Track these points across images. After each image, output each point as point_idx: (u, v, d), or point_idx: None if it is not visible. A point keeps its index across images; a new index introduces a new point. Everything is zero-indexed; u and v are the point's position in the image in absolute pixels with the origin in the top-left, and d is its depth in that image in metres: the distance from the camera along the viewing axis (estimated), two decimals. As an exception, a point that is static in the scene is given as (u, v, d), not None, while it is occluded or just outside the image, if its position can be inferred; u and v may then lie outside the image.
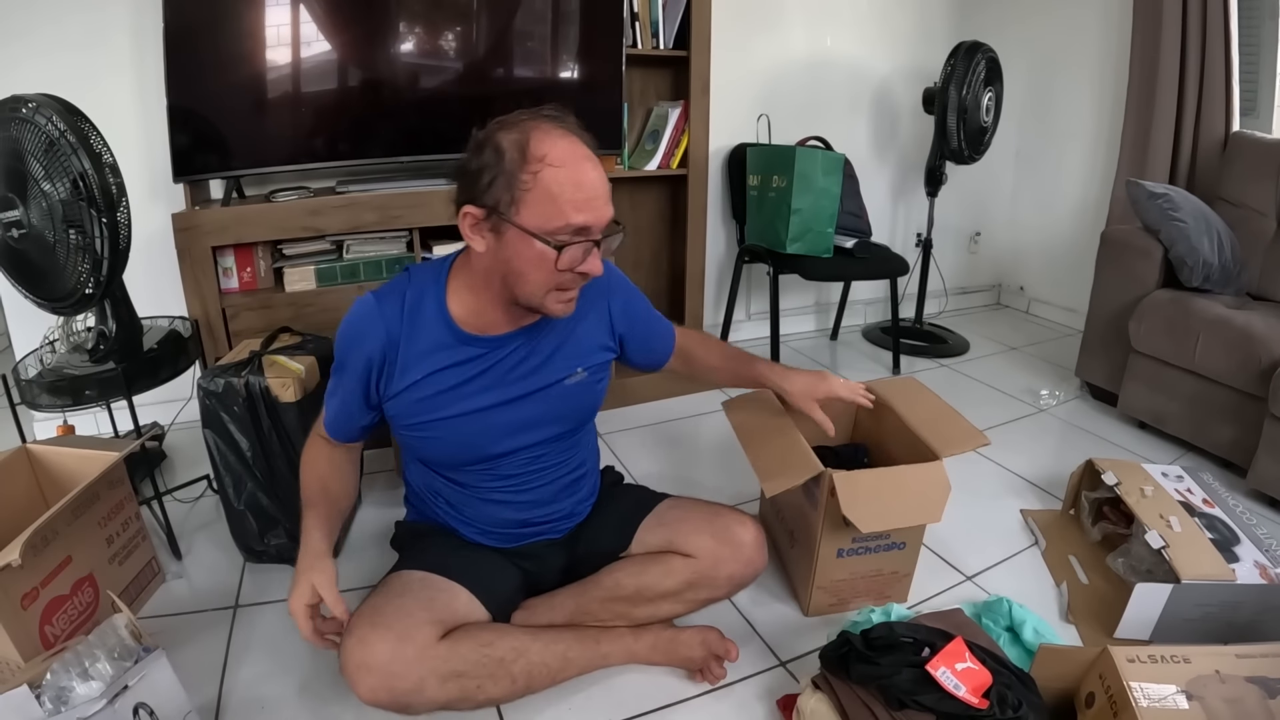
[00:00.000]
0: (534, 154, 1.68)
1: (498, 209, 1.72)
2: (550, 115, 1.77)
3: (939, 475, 2.26)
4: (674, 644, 2.17)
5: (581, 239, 1.71)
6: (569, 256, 1.71)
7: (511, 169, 1.69)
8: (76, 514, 2.24)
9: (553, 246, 1.69)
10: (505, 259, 1.77)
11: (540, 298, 1.79)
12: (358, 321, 1.93)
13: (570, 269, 1.74)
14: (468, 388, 1.96)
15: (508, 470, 2.09)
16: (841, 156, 4.01)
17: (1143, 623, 2.27)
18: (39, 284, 2.52)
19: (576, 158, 1.70)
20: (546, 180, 1.67)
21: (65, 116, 2.34)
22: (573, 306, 1.86)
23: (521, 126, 1.72)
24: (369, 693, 1.76)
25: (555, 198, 1.67)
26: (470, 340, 1.93)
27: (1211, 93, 4.22)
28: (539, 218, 1.69)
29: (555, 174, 1.67)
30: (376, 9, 3.26)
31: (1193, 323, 3.33)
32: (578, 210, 1.68)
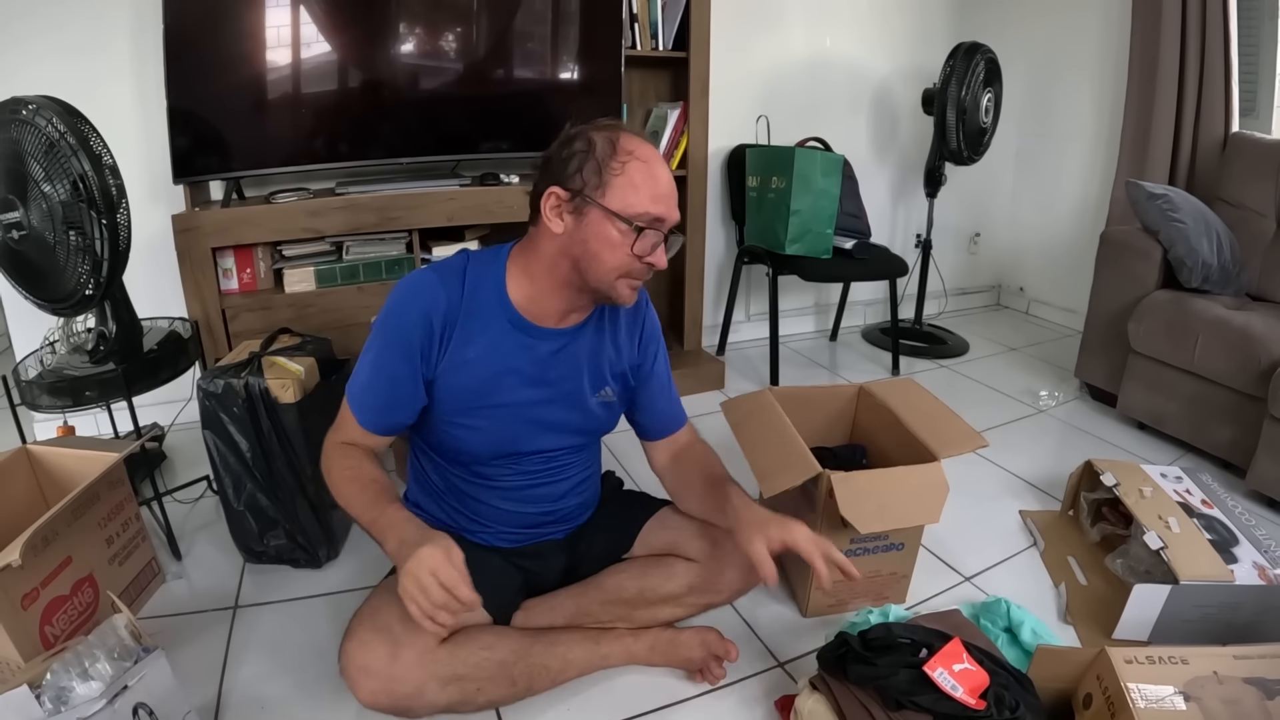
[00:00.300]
0: (624, 147, 1.79)
1: (584, 191, 1.80)
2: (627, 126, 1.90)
3: (937, 476, 2.26)
4: (673, 645, 2.17)
5: (657, 228, 1.83)
6: (645, 241, 1.82)
7: (603, 157, 1.79)
8: (77, 515, 2.24)
9: (633, 228, 1.79)
10: (583, 239, 1.83)
11: (611, 280, 1.86)
12: (418, 287, 1.93)
13: (643, 255, 1.83)
14: (514, 378, 1.98)
15: (529, 467, 2.10)
16: (840, 157, 4.02)
17: (1141, 624, 2.27)
18: (39, 285, 2.53)
19: (658, 159, 1.84)
20: (633, 170, 1.78)
21: (65, 118, 2.34)
22: (635, 296, 1.95)
23: (612, 128, 1.85)
24: (369, 696, 1.77)
25: (639, 186, 1.79)
26: (523, 326, 1.96)
27: (1211, 93, 4.22)
28: (623, 201, 1.78)
29: (641, 167, 1.79)
30: (376, 10, 3.27)
31: (1192, 323, 3.33)
32: (656, 201, 1.80)
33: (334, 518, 2.70)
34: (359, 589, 2.54)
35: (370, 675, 1.76)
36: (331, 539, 2.70)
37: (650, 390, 2.21)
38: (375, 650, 1.77)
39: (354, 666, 1.77)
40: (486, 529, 2.15)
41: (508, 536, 2.17)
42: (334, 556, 2.73)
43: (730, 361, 4.63)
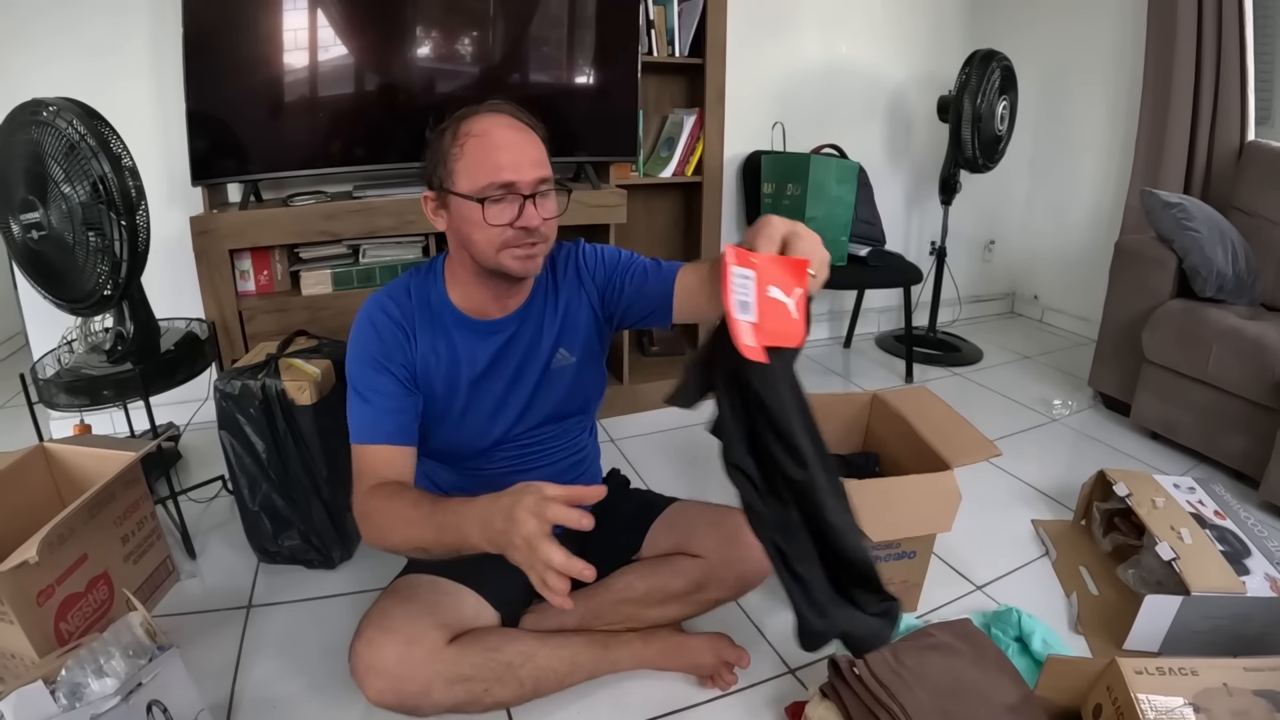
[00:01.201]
0: (463, 131, 1.84)
1: (442, 185, 1.88)
2: (489, 104, 1.92)
3: (950, 485, 2.26)
4: (684, 650, 2.18)
5: (508, 193, 1.81)
6: (494, 210, 1.81)
7: (446, 148, 1.86)
8: (93, 512, 2.26)
9: (477, 201, 1.80)
10: (456, 228, 1.90)
11: (494, 257, 1.87)
12: (370, 306, 2.02)
13: (503, 224, 1.82)
14: (472, 374, 2.04)
15: (508, 453, 2.14)
16: (856, 165, 4.03)
17: (1152, 634, 2.27)
18: (58, 285, 2.55)
19: (499, 126, 1.85)
20: (470, 149, 1.82)
21: (85, 120, 2.37)
22: (534, 264, 1.92)
23: (458, 117, 1.89)
24: (377, 695, 1.78)
25: (478, 161, 1.81)
26: (468, 324, 2.03)
27: (1226, 102, 4.21)
28: (468, 181, 1.82)
29: (478, 142, 1.82)
30: (394, 15, 3.29)
31: (1206, 333, 3.32)
32: (499, 170, 1.79)
33: (348, 519, 2.70)
34: (372, 590, 2.55)
35: (378, 674, 1.77)
36: (345, 540, 2.72)
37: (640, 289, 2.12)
38: (383, 650, 1.78)
39: (362, 665, 1.78)
40: None
41: None
42: (347, 558, 2.75)
43: (744, 367, 4.59)
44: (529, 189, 1.83)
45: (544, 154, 1.90)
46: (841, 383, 4.62)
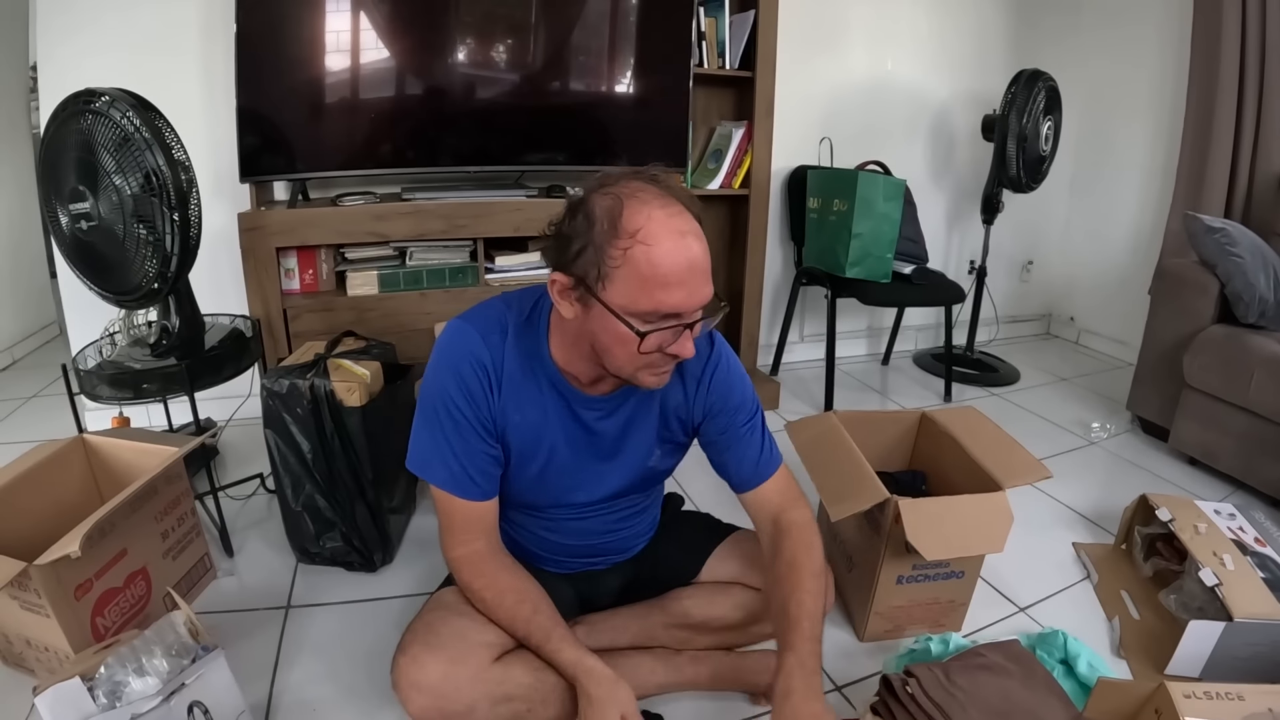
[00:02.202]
0: (626, 228, 1.53)
1: (585, 282, 1.59)
2: (651, 177, 1.64)
3: (1002, 505, 2.25)
4: (738, 671, 2.15)
5: (671, 324, 1.59)
6: (654, 340, 1.60)
7: (601, 242, 1.55)
8: (134, 507, 2.26)
9: (636, 333, 1.58)
10: (592, 331, 1.67)
11: (629, 373, 1.70)
12: (461, 337, 1.82)
13: (653, 351, 1.63)
14: (558, 443, 1.91)
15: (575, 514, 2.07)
16: (903, 182, 4.01)
17: (1194, 660, 2.25)
18: (105, 277, 2.56)
19: (673, 234, 1.54)
20: (637, 259, 1.53)
21: (140, 112, 2.39)
22: (666, 379, 1.75)
23: (617, 193, 1.58)
24: (420, 711, 1.75)
25: (645, 280, 1.53)
26: (567, 391, 1.87)
27: (1269, 126, 4.19)
28: (626, 298, 1.56)
29: (647, 253, 1.52)
30: (443, 20, 3.31)
31: (1248, 359, 3.30)
32: (669, 294, 1.55)
33: (391, 523, 2.71)
34: (414, 595, 2.54)
35: (422, 692, 1.74)
36: (387, 544, 2.71)
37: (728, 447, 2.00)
38: (428, 667, 1.75)
39: (406, 681, 1.75)
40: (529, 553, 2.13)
41: (555, 564, 2.15)
42: (389, 561, 2.73)
43: (784, 382, 4.63)
44: (691, 318, 1.62)
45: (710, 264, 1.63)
46: (879, 399, 4.62)
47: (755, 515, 2.05)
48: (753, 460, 2.00)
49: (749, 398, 2.02)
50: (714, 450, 2.04)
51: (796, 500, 2.03)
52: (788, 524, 1.97)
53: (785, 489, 2.04)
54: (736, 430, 1.99)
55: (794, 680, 1.67)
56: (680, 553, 2.25)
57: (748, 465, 2.00)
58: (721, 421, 1.98)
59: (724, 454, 2.01)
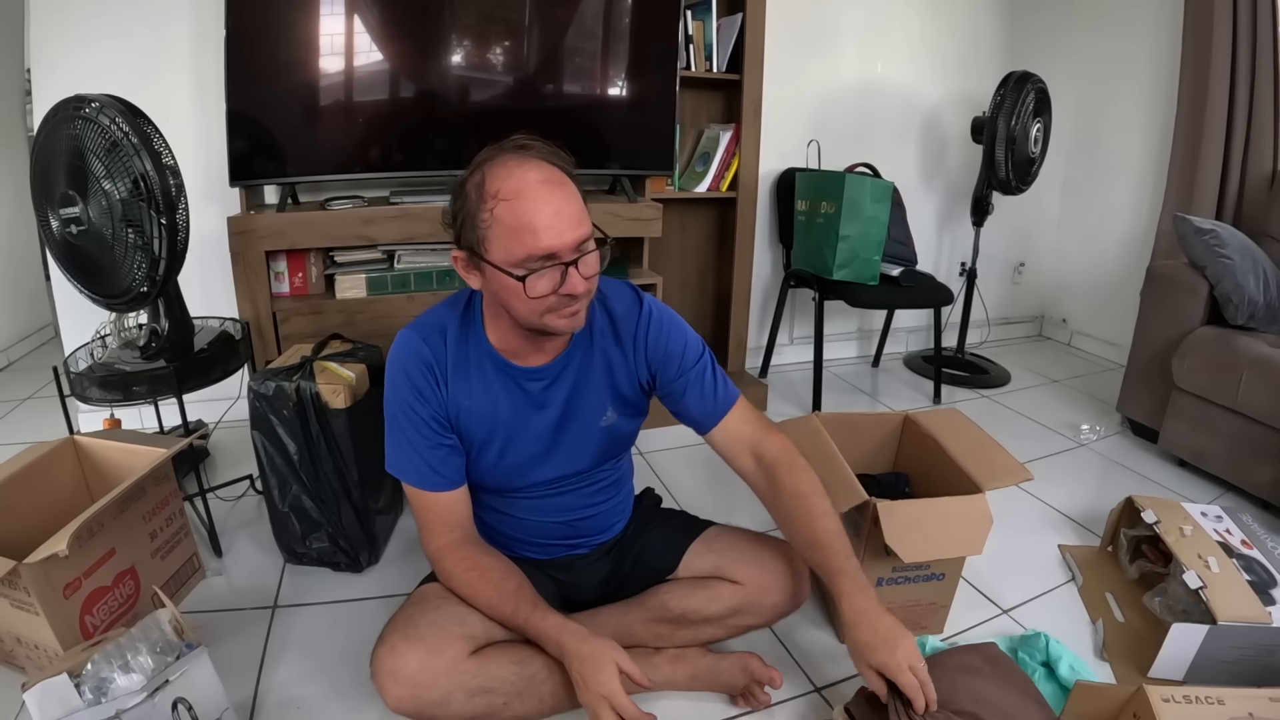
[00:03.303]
0: (488, 191, 1.69)
1: (474, 249, 1.76)
2: (515, 145, 1.78)
3: (981, 508, 2.26)
4: (714, 672, 2.16)
5: (549, 264, 1.70)
6: (535, 285, 1.70)
7: (474, 210, 1.72)
8: (123, 507, 2.28)
9: (516, 278, 1.70)
10: (494, 291, 1.81)
11: (538, 320, 1.79)
12: (404, 345, 1.96)
13: (543, 295, 1.73)
14: (509, 419, 1.99)
15: (547, 491, 2.11)
16: (890, 184, 4.02)
17: (1177, 663, 2.25)
18: (95, 280, 2.58)
19: (528, 185, 1.68)
20: (501, 215, 1.68)
21: (129, 118, 2.41)
22: (579, 319, 1.83)
23: (481, 166, 1.75)
24: (396, 702, 1.78)
25: (512, 230, 1.67)
26: (508, 368, 1.96)
27: (1260, 128, 4.21)
28: (503, 252, 1.70)
29: (508, 207, 1.67)
30: (432, 23, 3.31)
31: (1236, 361, 3.30)
32: (536, 238, 1.66)
33: (377, 523, 2.73)
34: (398, 595, 2.55)
35: (398, 681, 1.77)
36: (374, 544, 2.73)
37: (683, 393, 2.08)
38: (405, 657, 1.79)
39: (383, 671, 1.79)
40: (512, 539, 2.17)
41: (537, 548, 2.19)
42: (375, 561, 2.76)
43: (773, 384, 4.65)
44: (571, 254, 1.72)
45: (582, 206, 1.76)
46: (869, 401, 4.63)
47: (730, 454, 2.12)
48: (709, 397, 2.08)
49: (691, 342, 2.10)
50: (671, 400, 2.11)
51: (767, 428, 2.12)
52: (771, 455, 2.06)
53: (751, 419, 2.12)
54: (686, 375, 2.06)
55: (859, 600, 1.85)
56: (658, 548, 2.27)
57: (706, 403, 2.08)
58: (670, 370, 2.06)
59: (680, 401, 2.09)
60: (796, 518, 1.98)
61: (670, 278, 4.42)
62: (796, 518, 1.98)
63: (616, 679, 1.75)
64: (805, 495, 1.98)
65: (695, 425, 2.13)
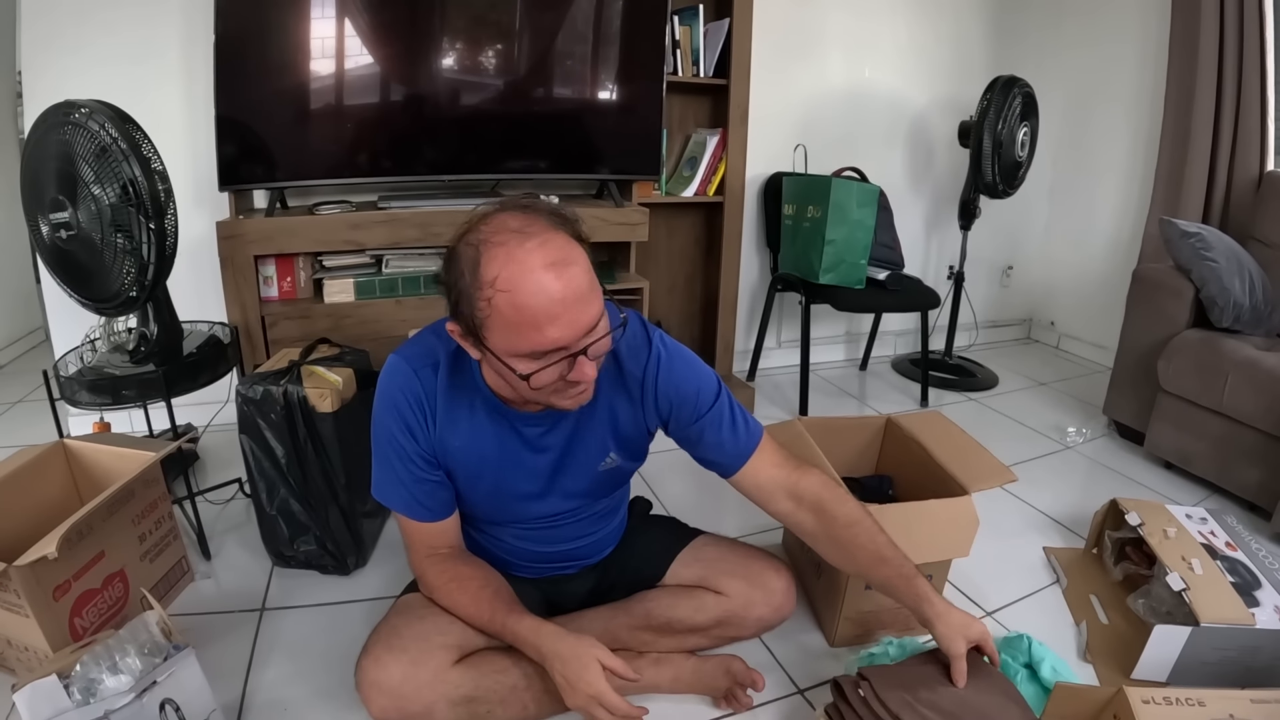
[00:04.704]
0: (485, 277, 1.51)
1: (472, 329, 1.59)
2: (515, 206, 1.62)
3: (968, 510, 2.28)
4: (698, 675, 2.17)
5: (556, 358, 1.56)
6: (542, 378, 1.58)
7: (469, 292, 1.54)
8: (112, 510, 2.29)
9: (520, 376, 1.57)
10: (494, 371, 1.70)
11: (544, 401, 1.71)
12: (394, 374, 1.86)
13: (551, 383, 1.60)
14: (502, 463, 1.92)
15: (538, 525, 2.09)
16: (877, 189, 4.03)
17: (1161, 664, 2.27)
18: (84, 284, 2.59)
19: (532, 272, 1.49)
20: (501, 307, 1.50)
21: (118, 124, 2.41)
22: (587, 397, 1.72)
23: (476, 239, 1.55)
24: (380, 712, 1.79)
25: (515, 325, 1.52)
26: (503, 411, 1.87)
27: (1246, 132, 4.23)
28: (506, 343, 1.55)
29: (509, 299, 1.49)
30: (421, 29, 3.33)
31: (1222, 363, 3.32)
32: (543, 333, 1.51)
33: (364, 526, 2.74)
34: (385, 598, 2.56)
35: (382, 692, 1.78)
36: (361, 547, 2.74)
37: (699, 437, 1.97)
38: (389, 668, 1.79)
39: (367, 682, 1.79)
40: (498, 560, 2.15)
41: (524, 569, 2.18)
42: (362, 564, 2.76)
43: (760, 388, 4.66)
44: (582, 342, 1.57)
45: (593, 282, 1.58)
46: (856, 405, 4.63)
47: (764, 499, 2.01)
48: (729, 441, 1.96)
49: (705, 382, 1.98)
50: (689, 445, 2.02)
51: (799, 468, 2.00)
52: (813, 495, 1.95)
53: (781, 460, 2.01)
54: (702, 419, 1.95)
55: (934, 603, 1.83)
56: (646, 556, 2.27)
57: (727, 447, 1.97)
58: (685, 415, 1.96)
59: (698, 445, 1.99)
60: (857, 544, 1.91)
61: (657, 282, 4.45)
62: (857, 544, 1.91)
63: (602, 677, 1.71)
64: (859, 521, 1.93)
65: (719, 470, 2.02)
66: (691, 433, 1.98)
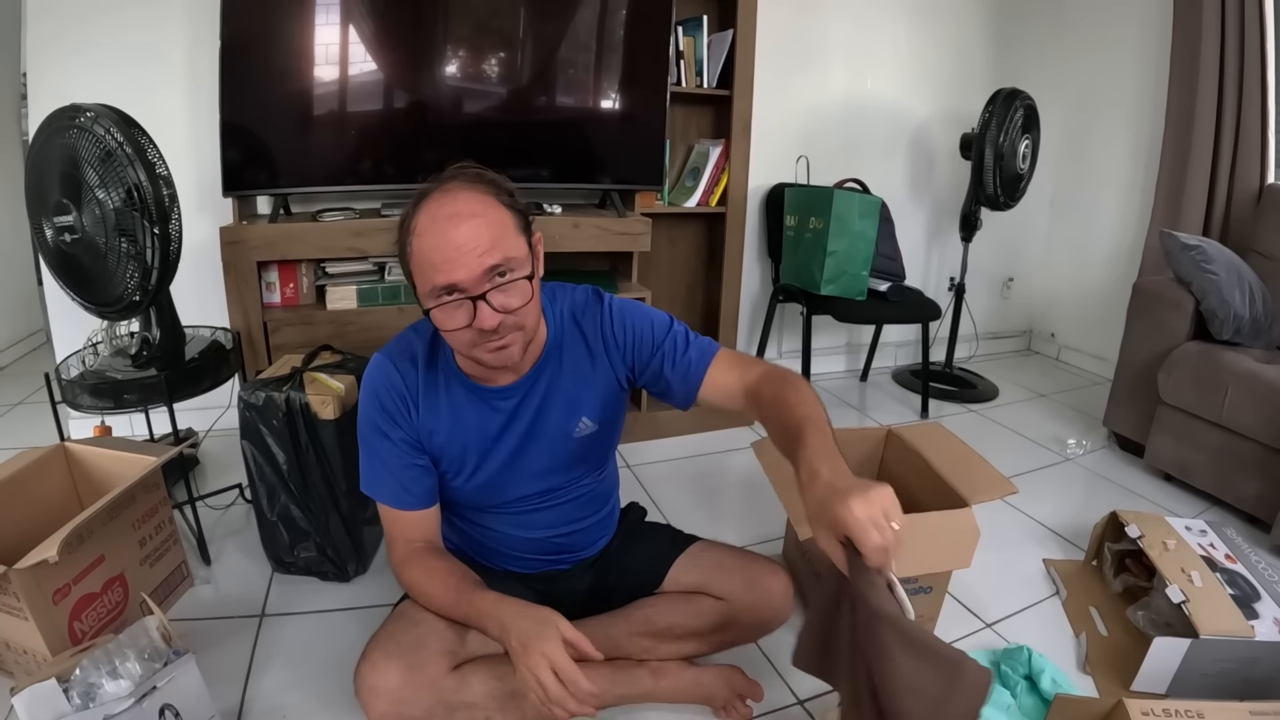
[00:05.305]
0: (409, 227, 1.72)
1: (408, 277, 1.78)
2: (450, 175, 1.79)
3: (969, 522, 2.28)
4: (696, 685, 2.18)
5: (450, 298, 1.68)
6: (441, 318, 1.71)
7: (403, 245, 1.75)
8: (112, 514, 2.29)
9: (424, 312, 1.74)
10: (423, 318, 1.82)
11: (469, 353, 1.80)
12: (375, 370, 1.98)
13: (457, 329, 1.72)
14: (482, 442, 2.00)
15: (526, 506, 2.12)
16: (878, 201, 4.04)
17: (1160, 676, 2.27)
18: (88, 288, 2.59)
19: (439, 220, 1.68)
20: (414, 250, 1.70)
21: (123, 128, 2.42)
22: (510, 354, 1.79)
23: (412, 203, 1.76)
24: (378, 717, 1.79)
25: (420, 265, 1.70)
26: (477, 390, 1.97)
27: (1247, 145, 4.24)
28: (419, 285, 1.74)
29: (420, 242, 1.69)
30: (427, 37, 3.34)
31: (1222, 376, 3.33)
32: (436, 271, 1.66)
33: (364, 533, 2.75)
34: (384, 605, 2.56)
35: (380, 697, 1.78)
36: (361, 554, 2.74)
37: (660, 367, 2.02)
38: (387, 674, 1.80)
39: (366, 688, 1.80)
40: (495, 553, 2.19)
41: (520, 561, 2.20)
42: (362, 571, 2.77)
43: (760, 398, 4.60)
44: (477, 286, 1.67)
45: (500, 234, 1.71)
46: (857, 416, 4.64)
47: (726, 403, 2.02)
48: (686, 362, 2.00)
49: (658, 317, 2.05)
50: (654, 380, 2.05)
51: (752, 364, 2.01)
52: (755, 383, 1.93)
53: (736, 362, 2.02)
54: (660, 346, 2.01)
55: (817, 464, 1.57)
56: (643, 562, 2.28)
57: (680, 368, 2.00)
58: (644, 350, 2.03)
59: (660, 377, 2.03)
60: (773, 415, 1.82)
61: (659, 292, 4.43)
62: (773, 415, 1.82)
63: (560, 642, 1.68)
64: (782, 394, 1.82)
65: (683, 394, 2.03)
66: (654, 365, 2.02)
